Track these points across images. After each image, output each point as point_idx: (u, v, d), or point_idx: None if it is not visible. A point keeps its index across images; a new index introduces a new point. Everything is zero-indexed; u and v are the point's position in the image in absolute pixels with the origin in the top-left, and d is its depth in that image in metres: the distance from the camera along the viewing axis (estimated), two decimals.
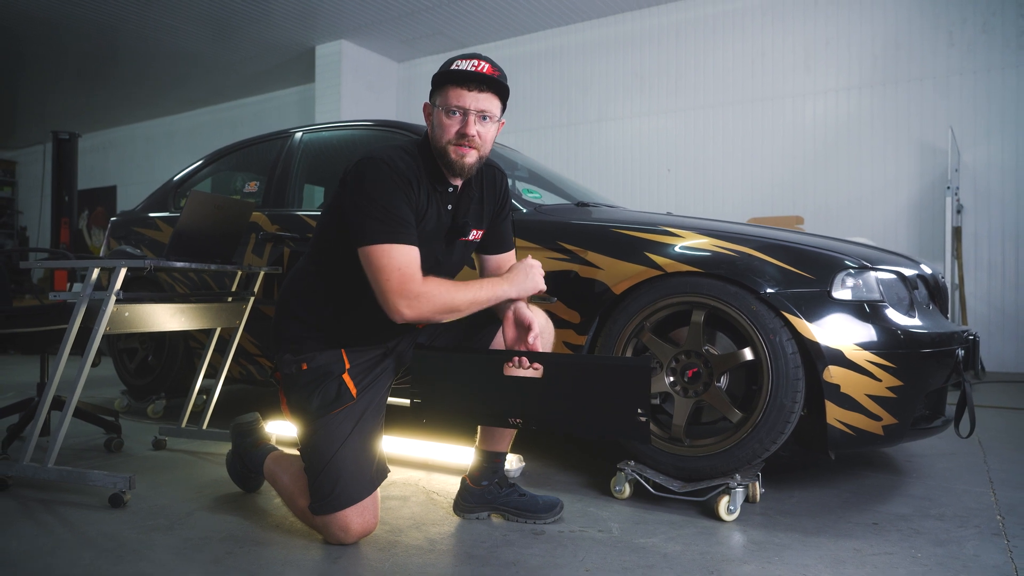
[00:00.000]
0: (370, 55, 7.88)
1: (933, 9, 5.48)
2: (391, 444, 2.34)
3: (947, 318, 2.39)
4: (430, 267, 1.78)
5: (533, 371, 1.64)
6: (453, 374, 1.72)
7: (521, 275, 1.74)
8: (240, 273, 2.83)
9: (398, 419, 2.96)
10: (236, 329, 2.77)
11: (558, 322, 2.22)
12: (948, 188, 4.76)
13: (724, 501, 1.89)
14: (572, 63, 7.09)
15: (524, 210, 2.45)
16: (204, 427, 2.74)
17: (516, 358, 1.63)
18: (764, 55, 6.13)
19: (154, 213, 3.62)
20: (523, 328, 1.69)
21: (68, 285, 6.62)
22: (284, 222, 2.99)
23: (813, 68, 5.93)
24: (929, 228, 5.40)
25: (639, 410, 1.55)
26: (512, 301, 1.73)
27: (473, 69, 1.63)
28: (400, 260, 1.60)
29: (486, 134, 1.68)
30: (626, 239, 2.18)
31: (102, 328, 2.03)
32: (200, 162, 3.72)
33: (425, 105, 1.74)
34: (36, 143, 11.76)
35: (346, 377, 1.74)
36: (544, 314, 1.85)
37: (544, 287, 1.77)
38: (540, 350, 1.68)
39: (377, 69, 7.99)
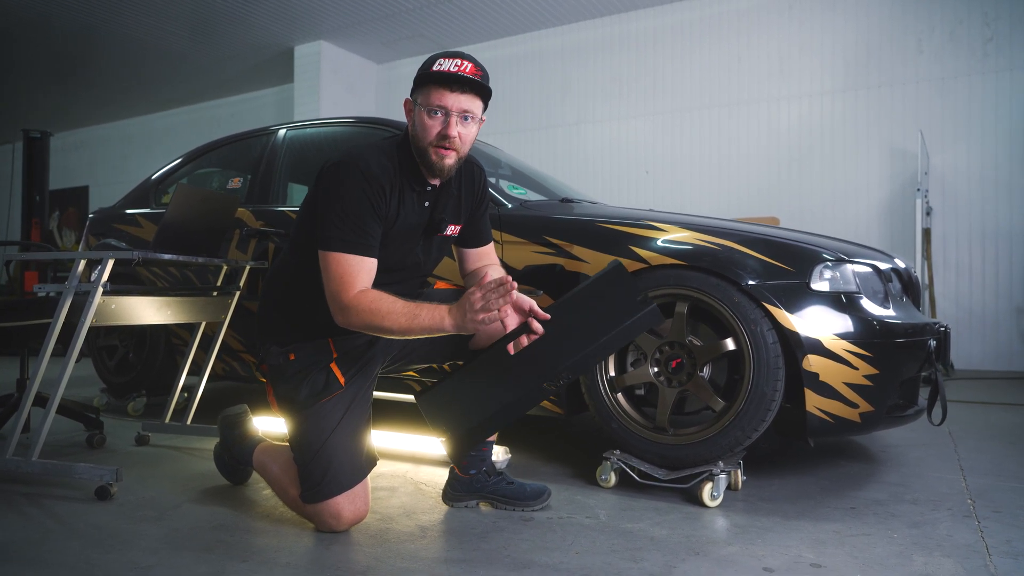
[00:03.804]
0: (350, 56, 7.85)
1: (903, 17, 5.63)
2: (378, 438, 2.35)
3: (919, 311, 2.47)
4: (409, 264, 1.79)
5: (534, 335, 1.59)
6: (465, 394, 1.68)
7: (460, 313, 1.54)
8: (225, 268, 2.82)
9: (385, 413, 2.97)
10: (220, 325, 2.76)
11: None
12: (918, 191, 4.88)
13: (707, 488, 1.93)
14: (551, 66, 7.14)
15: (510, 205, 2.49)
16: (188, 423, 2.73)
17: (515, 340, 1.58)
18: (740, 60, 6.24)
19: (133, 210, 3.59)
20: (523, 312, 1.61)
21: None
22: (268, 218, 2.99)
23: (788, 73, 6.06)
24: (900, 229, 5.54)
25: (639, 298, 1.65)
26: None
27: (456, 70, 1.62)
28: (345, 269, 1.61)
29: (467, 135, 1.68)
30: (610, 233, 2.23)
31: (89, 318, 2.02)
32: (180, 159, 3.70)
33: (406, 101, 1.73)
34: (5, 142, 11.51)
35: (333, 366, 1.75)
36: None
37: (479, 329, 1.56)
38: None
39: (357, 70, 7.95)
